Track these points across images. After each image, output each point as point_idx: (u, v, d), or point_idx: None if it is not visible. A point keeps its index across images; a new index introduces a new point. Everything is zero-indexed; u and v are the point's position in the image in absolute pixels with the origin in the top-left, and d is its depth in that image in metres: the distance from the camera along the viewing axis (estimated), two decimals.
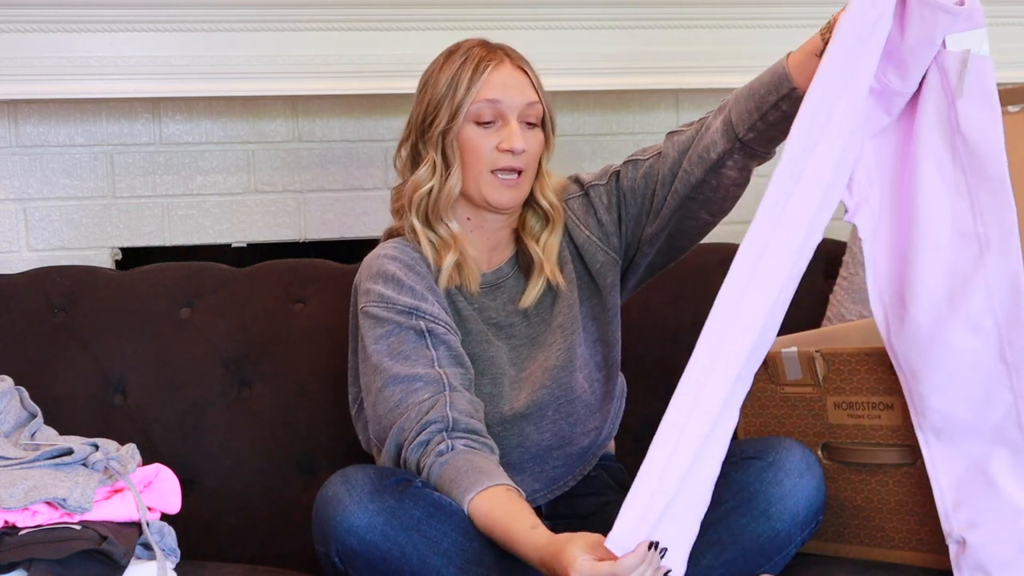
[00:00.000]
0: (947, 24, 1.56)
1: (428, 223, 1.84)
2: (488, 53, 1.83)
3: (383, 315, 1.79)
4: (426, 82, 1.86)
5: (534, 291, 1.87)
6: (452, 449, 1.68)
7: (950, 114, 1.61)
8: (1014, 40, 2.56)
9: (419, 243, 1.84)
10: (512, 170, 1.81)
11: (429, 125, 1.82)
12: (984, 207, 1.61)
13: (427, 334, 1.78)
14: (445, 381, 1.73)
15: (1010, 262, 1.61)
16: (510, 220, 1.89)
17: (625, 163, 1.89)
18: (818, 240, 1.58)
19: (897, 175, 1.65)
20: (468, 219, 1.87)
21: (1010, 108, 1.95)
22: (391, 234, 1.93)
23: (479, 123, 1.81)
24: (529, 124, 1.83)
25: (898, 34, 1.57)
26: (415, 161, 1.86)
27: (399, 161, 1.89)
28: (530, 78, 1.84)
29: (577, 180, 1.94)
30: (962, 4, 1.57)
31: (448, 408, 1.71)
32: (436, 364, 1.75)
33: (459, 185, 1.82)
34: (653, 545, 1.46)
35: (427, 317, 1.78)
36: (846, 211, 1.65)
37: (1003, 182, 1.60)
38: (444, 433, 1.69)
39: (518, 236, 1.91)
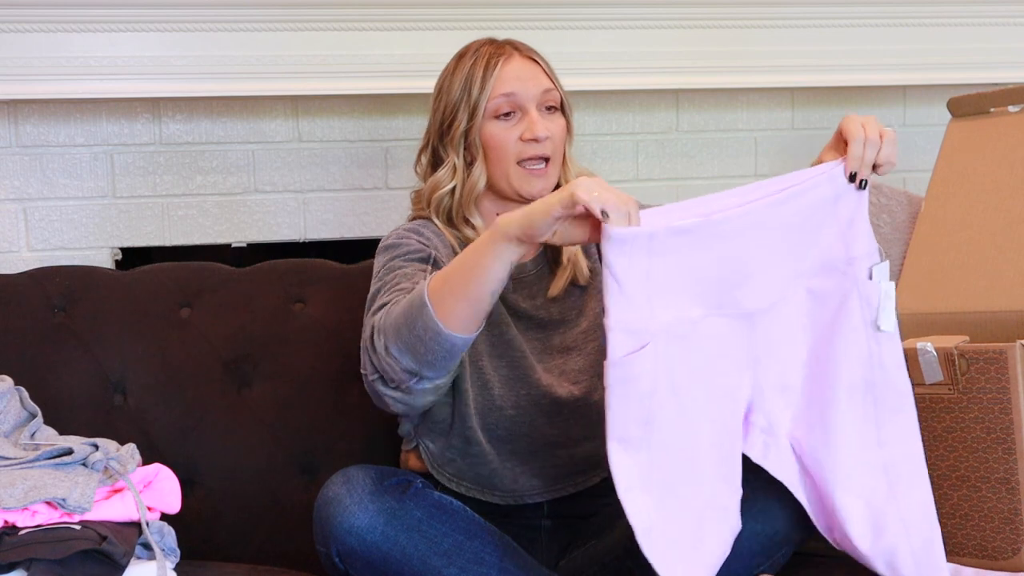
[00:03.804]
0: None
1: (451, 223, 1.86)
2: (497, 49, 1.85)
3: (393, 242, 1.80)
4: (440, 88, 1.88)
5: (561, 281, 1.86)
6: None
7: (871, 347, 1.63)
8: (1014, 40, 2.56)
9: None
10: (539, 158, 1.82)
11: (448, 128, 1.84)
12: (890, 437, 1.64)
13: (431, 262, 1.76)
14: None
15: (922, 492, 1.64)
16: None
17: None
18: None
19: (813, 418, 1.66)
20: (497, 215, 1.87)
21: (1010, 108, 1.95)
22: None
23: (498, 117, 1.82)
24: (549, 109, 1.85)
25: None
26: (435, 165, 1.88)
27: (420, 168, 1.92)
28: (542, 66, 1.86)
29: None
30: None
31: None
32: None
33: (483, 180, 1.84)
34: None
35: (436, 255, 1.77)
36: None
37: (911, 412, 1.65)
38: None
39: None
